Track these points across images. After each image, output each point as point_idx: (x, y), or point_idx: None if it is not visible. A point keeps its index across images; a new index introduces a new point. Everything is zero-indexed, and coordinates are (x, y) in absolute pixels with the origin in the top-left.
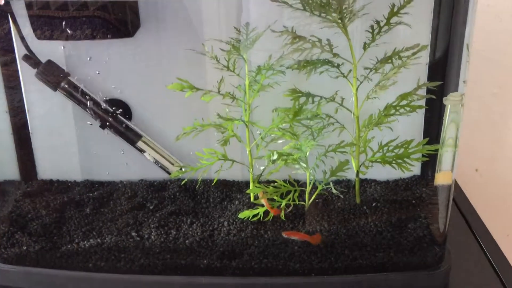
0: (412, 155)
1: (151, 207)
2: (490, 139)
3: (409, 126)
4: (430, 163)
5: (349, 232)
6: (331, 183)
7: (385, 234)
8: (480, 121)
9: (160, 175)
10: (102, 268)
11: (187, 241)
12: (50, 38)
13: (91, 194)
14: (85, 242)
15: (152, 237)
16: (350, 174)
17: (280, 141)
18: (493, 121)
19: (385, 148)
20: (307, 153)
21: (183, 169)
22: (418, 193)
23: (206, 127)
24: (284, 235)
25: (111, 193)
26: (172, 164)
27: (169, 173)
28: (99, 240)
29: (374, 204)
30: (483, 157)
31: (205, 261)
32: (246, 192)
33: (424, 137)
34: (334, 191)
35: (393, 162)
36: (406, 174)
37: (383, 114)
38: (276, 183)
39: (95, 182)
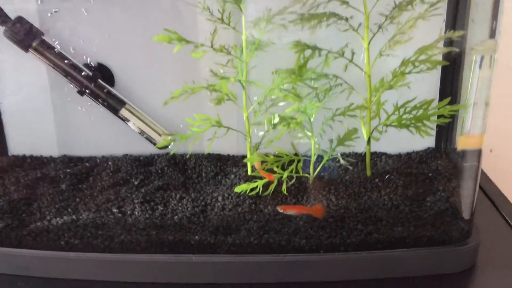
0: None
1: (136, 183)
2: (505, 117)
3: (424, 87)
4: (445, 133)
5: (360, 206)
6: (338, 153)
7: (402, 208)
8: (494, 97)
9: (146, 149)
10: (77, 247)
11: (175, 217)
12: None
13: (69, 170)
14: (58, 219)
15: (136, 213)
16: (358, 146)
17: (281, 104)
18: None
19: (402, 110)
20: (312, 117)
21: (171, 138)
22: (434, 165)
23: (197, 89)
24: (280, 210)
25: (92, 168)
26: (160, 135)
27: (157, 145)
28: (74, 216)
29: (387, 176)
30: (498, 137)
31: (196, 237)
32: (244, 161)
33: (440, 99)
34: (342, 161)
35: (411, 125)
36: (420, 147)
37: (399, 71)
38: (277, 152)
39: (74, 157)
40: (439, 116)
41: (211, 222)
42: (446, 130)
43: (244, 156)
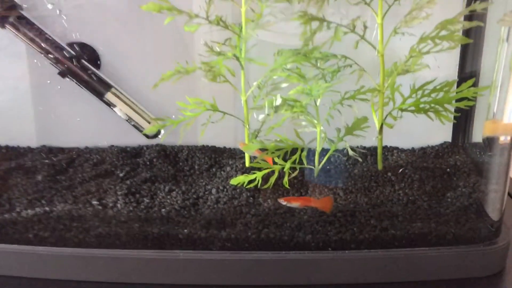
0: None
1: (121, 175)
2: None
3: (441, 69)
4: (462, 126)
5: (372, 201)
6: (346, 142)
7: (419, 204)
8: None
9: (135, 140)
10: (47, 240)
11: (163, 210)
12: None
13: (47, 161)
14: (28, 211)
15: (118, 205)
16: (365, 139)
17: (284, 85)
18: None
19: (419, 92)
20: (319, 101)
21: (161, 123)
22: (452, 160)
23: (190, 70)
24: (282, 202)
25: (73, 159)
26: (149, 123)
27: (146, 134)
28: (46, 208)
29: (401, 170)
30: None
31: (185, 230)
32: (242, 148)
33: (459, 82)
34: (350, 152)
35: (430, 109)
36: (435, 141)
37: (417, 49)
38: (279, 140)
39: (54, 148)
40: (459, 100)
41: (202, 215)
42: (464, 123)
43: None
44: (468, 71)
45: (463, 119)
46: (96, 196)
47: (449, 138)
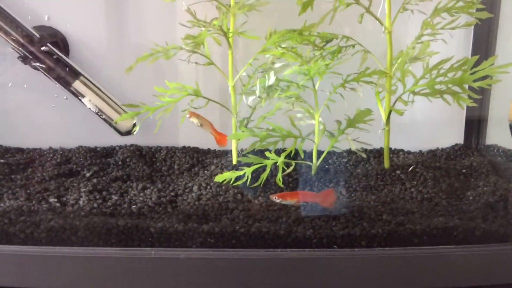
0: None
1: (87, 174)
2: None
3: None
4: (475, 128)
5: (380, 199)
6: (348, 136)
7: (437, 201)
8: None
9: (105, 140)
10: None
11: (133, 206)
12: None
13: (2, 160)
14: None
15: (81, 202)
16: (369, 136)
17: (277, 65)
18: None
19: (434, 72)
20: (317, 84)
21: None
22: (467, 161)
23: (169, 51)
24: (275, 199)
25: (33, 159)
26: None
27: (117, 130)
28: None
29: (411, 168)
30: None
31: (159, 224)
32: (228, 137)
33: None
34: (353, 147)
35: (447, 91)
36: (445, 143)
37: (430, 22)
38: (271, 128)
39: (12, 148)
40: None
41: (181, 210)
42: (477, 125)
43: (229, 151)
44: (482, 53)
45: (476, 120)
46: (54, 193)
47: (459, 141)
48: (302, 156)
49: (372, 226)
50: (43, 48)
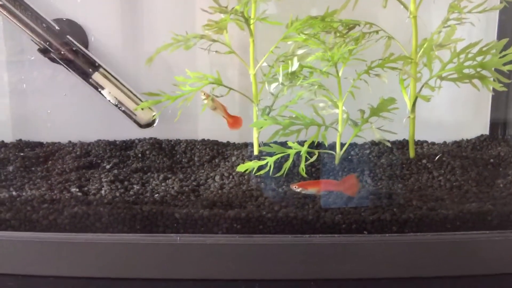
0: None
1: (107, 166)
2: None
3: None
4: (502, 117)
5: (408, 187)
6: (372, 124)
7: (467, 188)
8: None
9: (122, 134)
10: (8, 223)
11: (156, 195)
12: None
13: (21, 154)
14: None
15: (103, 191)
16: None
17: (300, 51)
18: None
19: (462, 57)
20: (341, 71)
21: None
22: (495, 151)
23: (189, 40)
24: (296, 188)
25: (52, 152)
26: (141, 109)
27: (137, 122)
28: (13, 193)
29: (437, 157)
30: None
31: (184, 210)
32: (250, 126)
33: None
34: (377, 136)
35: (475, 76)
36: (471, 134)
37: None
38: (294, 116)
39: (31, 142)
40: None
41: (204, 197)
42: (504, 115)
43: (249, 144)
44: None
45: (503, 111)
46: (75, 183)
47: (484, 131)
48: (326, 144)
49: (403, 211)
50: (62, 40)
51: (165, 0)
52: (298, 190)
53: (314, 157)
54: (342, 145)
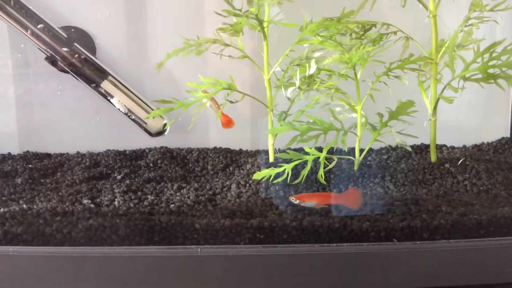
0: None
1: (118, 177)
2: None
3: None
4: None
5: (433, 192)
6: (392, 128)
7: (495, 192)
8: None
9: (133, 143)
10: (20, 238)
11: (172, 205)
12: None
13: (29, 165)
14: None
15: (116, 202)
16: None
17: (317, 55)
18: None
19: (486, 56)
20: (359, 73)
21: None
22: None
23: (200, 45)
24: (294, 200)
25: (61, 164)
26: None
27: (147, 131)
28: (24, 206)
29: (460, 161)
30: None
31: (204, 220)
32: (266, 132)
33: None
34: (397, 140)
35: (501, 76)
36: (491, 137)
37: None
38: (311, 121)
39: (39, 154)
40: None
41: (223, 206)
42: None
43: (262, 150)
44: None
45: None
46: (87, 195)
47: (505, 134)
48: (346, 150)
49: (433, 217)
50: (70, 48)
51: (172, 6)
52: (297, 202)
53: (333, 163)
54: (360, 150)
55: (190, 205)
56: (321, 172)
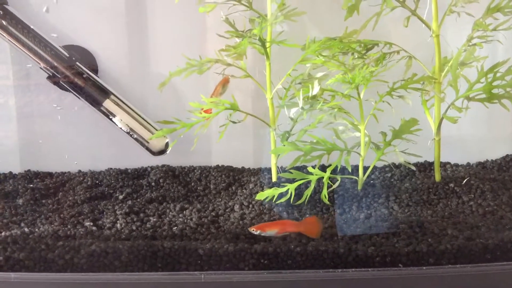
0: None
1: (120, 197)
2: None
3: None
4: None
5: (438, 213)
6: (395, 147)
7: (501, 214)
8: None
9: (135, 162)
10: (22, 264)
11: (174, 228)
12: None
13: (30, 185)
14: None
15: (118, 225)
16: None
17: (319, 75)
18: None
19: (490, 76)
20: (362, 92)
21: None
22: None
23: (204, 65)
24: (254, 231)
25: (63, 183)
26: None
27: (150, 150)
28: (25, 229)
29: (465, 180)
30: None
31: (207, 245)
32: (269, 153)
33: None
34: (401, 160)
35: (505, 96)
36: (495, 155)
37: (484, 22)
38: (315, 141)
39: (40, 173)
40: None
41: (227, 229)
42: None
43: (265, 169)
44: None
45: None
46: (88, 217)
47: (509, 151)
48: (350, 170)
49: (439, 241)
50: (72, 67)
51: (174, 25)
52: (257, 233)
53: (337, 183)
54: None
55: (193, 227)
56: (324, 192)
